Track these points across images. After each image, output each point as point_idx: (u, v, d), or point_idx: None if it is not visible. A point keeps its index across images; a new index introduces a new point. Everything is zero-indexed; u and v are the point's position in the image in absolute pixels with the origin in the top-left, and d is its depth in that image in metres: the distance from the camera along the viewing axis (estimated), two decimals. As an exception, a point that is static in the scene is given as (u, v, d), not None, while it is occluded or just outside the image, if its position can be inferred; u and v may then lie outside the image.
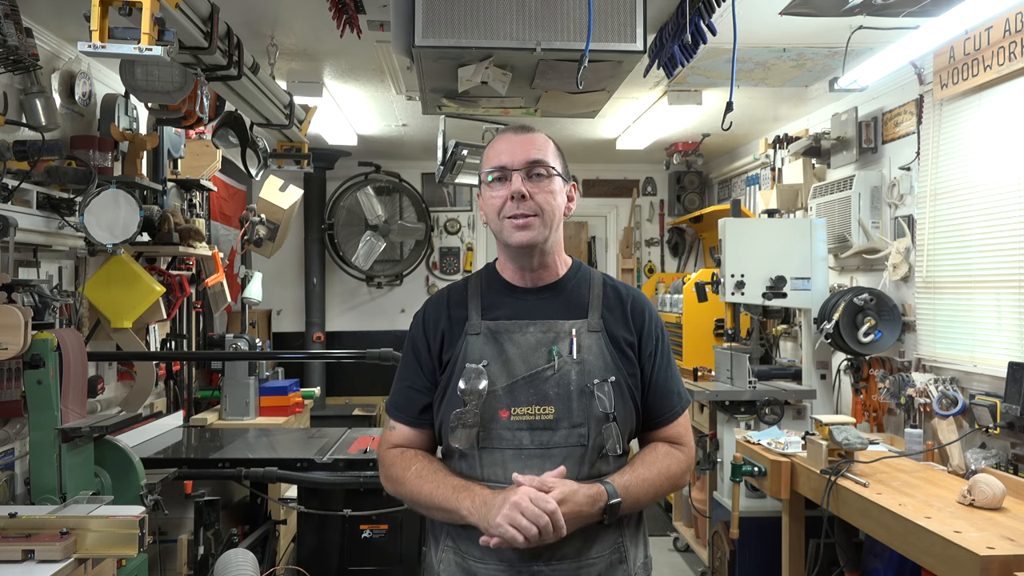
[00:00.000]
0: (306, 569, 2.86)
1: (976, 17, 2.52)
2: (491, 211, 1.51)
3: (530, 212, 1.47)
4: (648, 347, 1.55)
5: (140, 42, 1.84)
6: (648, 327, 1.56)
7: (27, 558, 1.87)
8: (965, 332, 3.15)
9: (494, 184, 1.50)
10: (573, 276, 1.58)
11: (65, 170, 2.85)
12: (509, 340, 1.49)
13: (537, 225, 1.47)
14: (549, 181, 1.49)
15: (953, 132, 3.23)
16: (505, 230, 1.49)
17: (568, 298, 1.54)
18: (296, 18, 3.04)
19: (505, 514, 1.33)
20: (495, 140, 1.54)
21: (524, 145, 1.50)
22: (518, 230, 1.47)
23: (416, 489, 1.47)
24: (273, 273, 5.99)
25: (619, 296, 1.56)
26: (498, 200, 1.49)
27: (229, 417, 4.19)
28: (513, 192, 1.46)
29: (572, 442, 1.45)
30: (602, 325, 1.52)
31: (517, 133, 1.52)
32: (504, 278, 1.57)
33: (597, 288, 1.56)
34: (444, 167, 4.02)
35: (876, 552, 3.06)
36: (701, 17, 2.58)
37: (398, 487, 1.52)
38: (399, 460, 1.52)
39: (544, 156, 1.50)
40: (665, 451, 1.54)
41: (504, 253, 1.57)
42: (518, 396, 1.46)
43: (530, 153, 1.48)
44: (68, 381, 2.38)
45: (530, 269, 1.54)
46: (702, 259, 6.48)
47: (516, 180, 1.47)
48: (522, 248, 1.49)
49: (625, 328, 1.53)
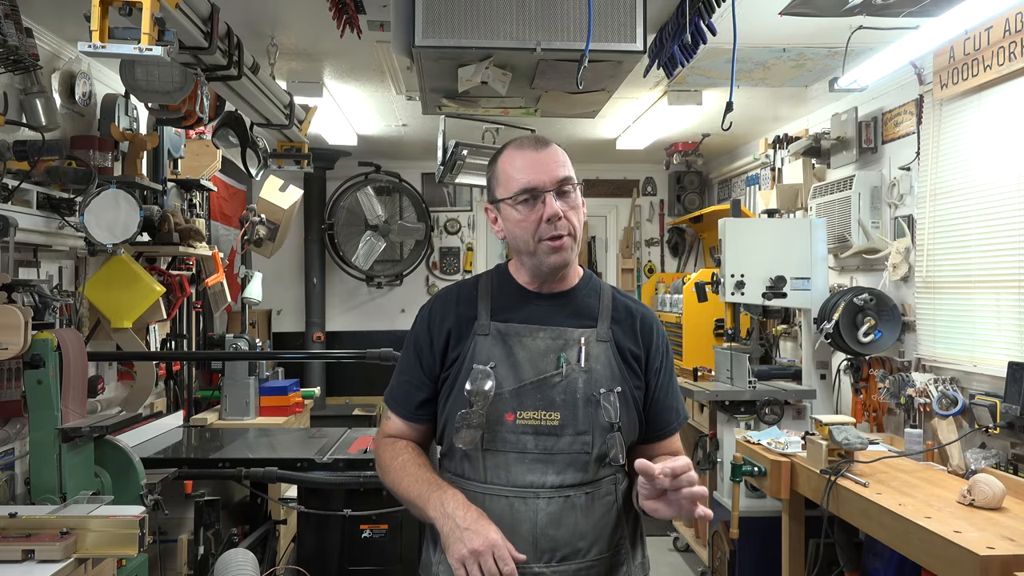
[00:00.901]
0: (306, 569, 2.86)
1: (976, 17, 2.52)
2: (521, 232, 1.47)
3: (565, 232, 1.46)
4: (655, 363, 1.56)
5: (140, 42, 1.84)
6: (656, 343, 1.57)
7: (27, 558, 1.87)
8: (965, 332, 3.15)
9: (521, 206, 1.46)
10: (585, 286, 1.58)
11: (65, 170, 2.85)
12: (519, 343, 1.49)
13: (570, 245, 1.47)
14: (575, 196, 1.49)
15: (953, 132, 3.23)
16: (540, 252, 1.47)
17: (578, 307, 1.55)
18: (296, 18, 3.04)
19: (463, 555, 1.31)
20: (513, 156, 1.50)
21: (550, 163, 1.47)
22: (555, 252, 1.46)
23: (397, 480, 1.49)
24: (273, 273, 5.99)
25: (629, 311, 1.57)
26: (530, 223, 1.46)
27: (229, 417, 4.19)
28: (549, 216, 1.44)
29: (576, 449, 1.45)
30: (611, 336, 1.52)
31: (537, 149, 1.48)
32: (517, 281, 1.57)
33: (607, 299, 1.57)
34: (444, 167, 4.02)
35: (876, 552, 3.06)
36: (701, 17, 2.58)
37: (384, 476, 1.54)
38: (389, 448, 1.55)
39: (569, 172, 1.48)
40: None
41: (527, 265, 1.53)
42: (525, 400, 1.46)
43: (558, 172, 1.46)
44: (68, 381, 2.38)
45: (551, 280, 1.54)
46: (702, 259, 6.48)
47: (551, 202, 1.44)
48: (556, 269, 1.49)
49: (633, 342, 1.54)
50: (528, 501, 1.43)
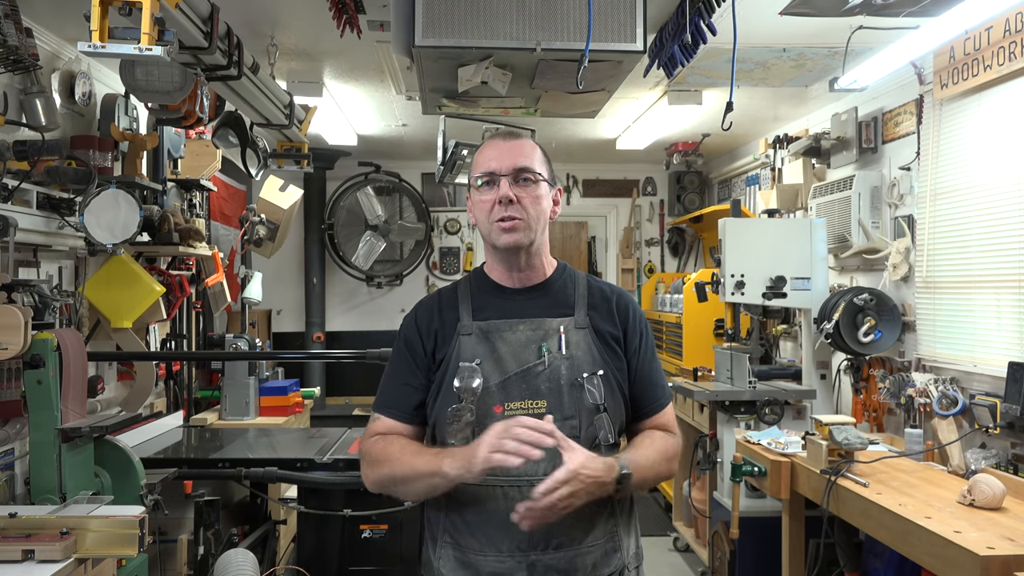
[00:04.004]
0: (306, 569, 2.86)
1: (976, 17, 2.52)
2: (480, 214, 1.57)
3: (517, 216, 1.53)
4: (633, 342, 1.61)
5: (140, 42, 1.84)
6: (633, 322, 1.62)
7: (27, 558, 1.87)
8: (965, 332, 3.15)
9: (483, 188, 1.56)
10: (559, 277, 1.64)
11: (65, 170, 2.85)
12: (500, 338, 1.55)
13: (523, 228, 1.53)
14: (535, 186, 1.56)
15: (953, 132, 3.23)
16: (493, 232, 1.55)
17: (555, 297, 1.61)
18: (296, 18, 3.04)
19: (488, 442, 1.37)
20: (484, 146, 1.61)
21: (512, 152, 1.56)
22: (505, 232, 1.53)
23: (397, 461, 1.49)
24: (273, 273, 5.99)
25: (604, 295, 1.63)
26: (487, 204, 1.55)
27: (229, 417, 4.19)
28: (501, 197, 1.52)
29: (564, 433, 1.48)
30: (588, 322, 1.58)
31: (505, 139, 1.59)
32: (493, 279, 1.63)
33: (582, 287, 1.63)
34: (444, 167, 4.03)
35: (876, 552, 3.06)
36: (701, 17, 2.58)
37: (379, 468, 1.52)
38: (380, 442, 1.55)
39: (531, 163, 1.56)
40: (661, 435, 1.60)
41: (492, 255, 1.62)
42: (511, 391, 1.51)
43: (517, 160, 1.55)
44: (68, 381, 2.38)
45: (517, 270, 1.60)
46: (702, 259, 6.48)
47: (504, 185, 1.53)
48: (509, 250, 1.55)
49: (611, 324, 1.60)
50: (523, 490, 1.44)
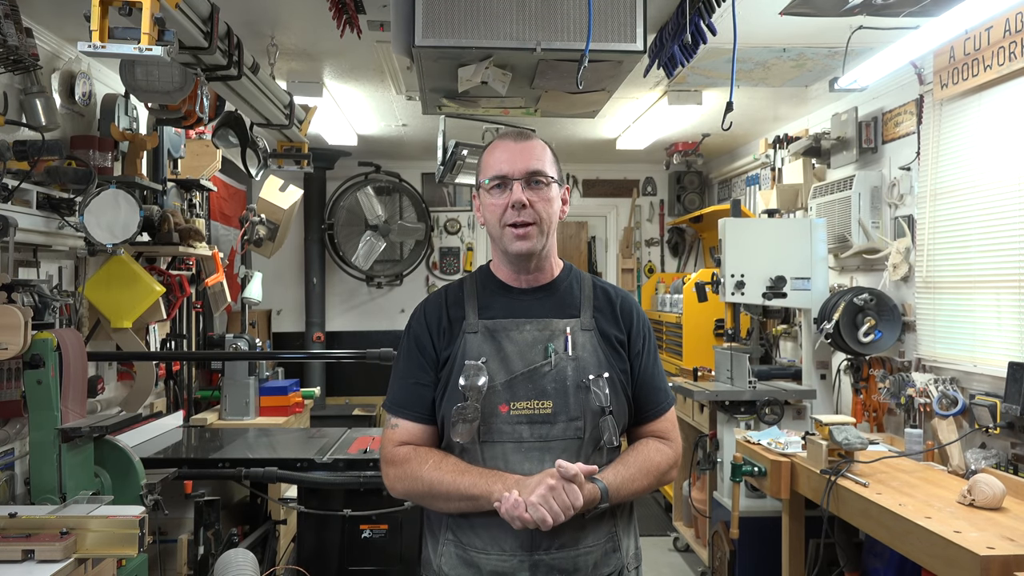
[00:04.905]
0: (306, 569, 2.86)
1: (976, 17, 2.52)
2: (491, 217, 1.55)
3: (530, 220, 1.52)
4: (637, 345, 1.61)
5: (140, 42, 1.84)
6: (636, 326, 1.62)
7: (27, 558, 1.87)
8: (965, 332, 3.15)
9: (494, 191, 1.54)
10: (565, 278, 1.63)
11: (65, 170, 2.85)
12: (506, 338, 1.54)
13: (535, 234, 1.53)
14: (547, 189, 1.54)
15: (953, 132, 3.23)
16: (505, 238, 1.54)
17: (561, 298, 1.60)
18: (296, 18, 3.04)
19: (541, 495, 1.37)
20: (493, 146, 1.59)
21: (523, 154, 1.54)
22: (518, 239, 1.52)
23: (437, 479, 1.47)
24: (273, 273, 5.99)
25: (608, 297, 1.63)
26: (498, 207, 1.53)
27: (229, 417, 4.19)
28: (514, 202, 1.51)
29: (570, 435, 1.49)
30: (594, 324, 1.58)
31: (516, 140, 1.56)
32: (499, 279, 1.62)
33: (588, 289, 1.63)
34: (444, 167, 4.02)
35: (876, 552, 3.06)
36: (701, 17, 2.58)
37: (413, 484, 1.50)
38: (414, 456, 1.52)
39: (543, 166, 1.54)
40: (655, 447, 1.59)
41: (501, 258, 1.61)
42: (517, 391, 1.50)
43: (530, 163, 1.53)
44: (68, 381, 2.38)
45: (526, 272, 1.59)
46: (702, 259, 6.48)
47: (517, 189, 1.51)
48: (521, 256, 1.54)
49: (615, 327, 1.59)
50: None
